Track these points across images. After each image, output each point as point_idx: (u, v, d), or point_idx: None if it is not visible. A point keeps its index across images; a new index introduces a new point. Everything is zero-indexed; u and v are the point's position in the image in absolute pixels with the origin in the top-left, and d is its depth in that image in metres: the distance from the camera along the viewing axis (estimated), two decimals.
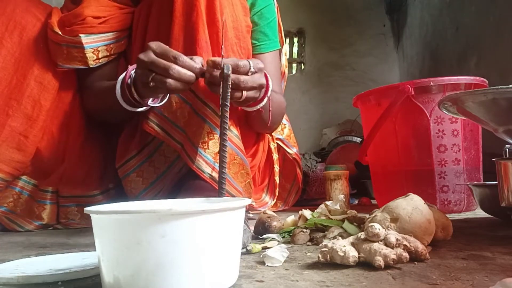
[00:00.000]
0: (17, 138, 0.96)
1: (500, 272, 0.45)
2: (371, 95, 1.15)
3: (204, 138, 0.86)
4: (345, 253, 0.48)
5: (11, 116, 0.95)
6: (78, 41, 0.94)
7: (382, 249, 0.48)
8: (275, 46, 1.09)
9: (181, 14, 0.85)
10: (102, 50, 0.97)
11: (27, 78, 0.96)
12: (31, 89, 0.96)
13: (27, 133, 0.96)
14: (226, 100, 0.64)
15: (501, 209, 0.67)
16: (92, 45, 0.95)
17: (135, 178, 0.97)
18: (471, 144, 1.06)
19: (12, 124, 0.95)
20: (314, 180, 1.56)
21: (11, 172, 0.96)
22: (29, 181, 1.00)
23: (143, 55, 0.73)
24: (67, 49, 0.95)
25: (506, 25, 1.80)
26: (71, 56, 0.96)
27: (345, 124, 3.22)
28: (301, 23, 3.65)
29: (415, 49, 3.18)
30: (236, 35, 0.90)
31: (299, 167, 1.28)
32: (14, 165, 0.96)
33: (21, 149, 0.96)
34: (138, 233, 0.37)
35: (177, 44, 0.85)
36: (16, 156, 0.96)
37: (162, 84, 0.73)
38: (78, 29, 0.94)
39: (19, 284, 0.46)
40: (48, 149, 1.00)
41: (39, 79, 0.97)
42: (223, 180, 0.63)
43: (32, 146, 0.97)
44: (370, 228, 0.49)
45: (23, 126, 0.96)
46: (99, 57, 0.97)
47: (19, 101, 0.96)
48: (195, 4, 0.83)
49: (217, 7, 0.84)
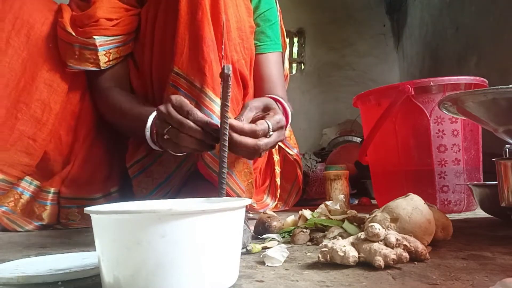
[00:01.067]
0: (25, 142, 0.95)
1: (500, 272, 0.45)
2: (371, 95, 1.15)
3: None
4: (345, 253, 0.48)
5: (20, 120, 0.94)
6: (92, 43, 0.93)
7: (382, 249, 0.48)
8: (276, 47, 1.09)
9: (186, 12, 0.84)
10: (113, 53, 0.97)
11: (36, 81, 0.95)
12: (40, 92, 0.95)
13: (36, 136, 0.96)
14: (226, 100, 0.64)
15: (501, 209, 0.67)
16: (105, 47, 0.95)
17: (144, 178, 0.97)
18: (471, 144, 1.06)
19: (21, 127, 0.94)
20: (314, 180, 1.56)
21: (18, 175, 0.96)
22: (32, 181, 1.00)
23: (163, 107, 0.71)
24: (80, 50, 0.94)
25: (506, 25, 1.81)
26: (83, 58, 0.95)
27: (345, 124, 3.23)
28: (301, 23, 3.65)
29: (415, 49, 3.18)
30: (240, 36, 0.90)
31: (299, 168, 1.28)
32: (22, 168, 0.96)
33: (29, 153, 0.95)
34: (138, 233, 0.37)
35: (182, 43, 0.84)
36: (24, 160, 0.95)
37: (176, 138, 0.70)
38: (91, 30, 0.93)
39: (19, 284, 0.46)
40: (55, 151, 1.00)
41: (49, 81, 0.96)
42: (223, 180, 0.63)
43: (40, 149, 0.97)
44: (370, 228, 0.49)
45: (32, 129, 0.95)
46: (110, 59, 0.97)
47: (28, 105, 0.95)
48: (200, 3, 0.82)
49: (222, 7, 0.83)
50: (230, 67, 0.66)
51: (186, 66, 0.83)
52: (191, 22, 0.83)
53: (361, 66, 3.61)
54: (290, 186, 1.29)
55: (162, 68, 0.93)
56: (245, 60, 0.92)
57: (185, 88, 0.83)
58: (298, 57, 3.73)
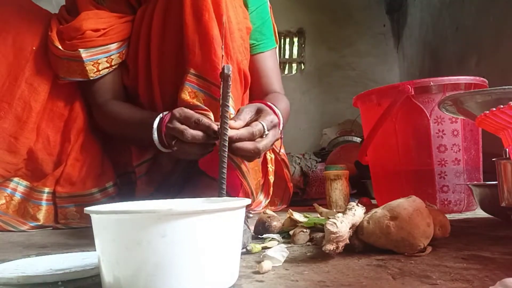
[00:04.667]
0: (7, 140, 0.96)
1: (500, 272, 0.45)
2: (371, 95, 1.15)
3: None
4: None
5: (2, 118, 0.96)
6: (77, 55, 0.94)
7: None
8: (272, 44, 1.11)
9: (191, 15, 0.85)
10: (102, 62, 0.97)
11: (18, 80, 0.97)
12: (21, 91, 0.97)
13: (17, 134, 0.97)
14: (226, 100, 0.64)
15: (501, 209, 0.67)
16: (91, 58, 0.96)
17: (150, 177, 0.99)
18: (471, 144, 1.06)
19: (3, 125, 0.96)
20: (314, 180, 1.56)
21: (2, 174, 0.97)
22: (21, 182, 1.00)
23: (169, 123, 0.75)
24: (68, 63, 0.96)
25: (506, 25, 1.80)
26: (72, 70, 0.97)
27: (345, 124, 3.22)
28: (301, 23, 3.65)
29: (415, 49, 3.18)
30: (241, 36, 0.92)
31: (286, 167, 1.28)
32: (5, 166, 0.97)
33: (11, 151, 0.97)
34: (138, 233, 0.37)
35: (193, 44, 0.85)
36: (7, 158, 0.97)
37: (182, 148, 0.74)
38: (77, 43, 0.94)
39: (19, 284, 0.46)
40: (43, 151, 1.01)
41: (30, 81, 0.98)
42: (223, 180, 0.63)
43: (23, 148, 0.98)
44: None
45: (14, 127, 0.97)
46: (99, 69, 0.98)
47: (10, 104, 0.97)
48: (205, 5, 0.84)
49: (223, 9, 0.85)
50: (230, 67, 0.67)
51: (200, 65, 0.84)
52: (197, 24, 0.85)
53: (361, 66, 3.61)
54: (284, 184, 1.30)
55: (163, 69, 0.94)
56: (247, 61, 0.94)
57: (204, 87, 0.85)
58: (298, 57, 3.73)
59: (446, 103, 0.67)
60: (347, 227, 0.53)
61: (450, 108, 0.68)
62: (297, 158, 1.62)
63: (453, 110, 0.68)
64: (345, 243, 0.53)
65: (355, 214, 0.56)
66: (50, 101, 1.00)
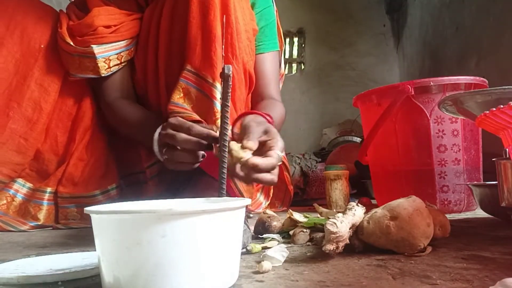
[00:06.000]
0: (17, 141, 0.96)
1: (500, 272, 0.45)
2: (371, 95, 1.15)
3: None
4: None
5: (11, 118, 0.95)
6: (90, 52, 0.94)
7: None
8: (274, 47, 1.10)
9: (198, 14, 0.85)
10: (113, 59, 0.97)
11: (27, 80, 0.96)
12: (31, 92, 0.96)
13: (27, 135, 0.97)
14: (227, 100, 0.64)
15: (501, 209, 0.67)
16: (103, 55, 0.96)
17: (161, 178, 1.00)
18: (471, 144, 1.06)
19: (12, 126, 0.95)
20: (314, 180, 1.56)
21: (9, 174, 0.96)
22: (24, 184, 1.00)
23: (163, 130, 0.73)
24: (79, 59, 0.96)
25: (506, 25, 1.80)
26: (83, 66, 0.96)
27: (345, 124, 3.22)
28: (301, 23, 3.65)
29: (415, 49, 3.18)
30: (248, 38, 0.92)
31: (286, 170, 1.28)
32: (13, 167, 0.96)
33: (20, 152, 0.96)
34: (138, 233, 0.37)
35: (195, 42, 0.85)
36: (15, 159, 0.96)
37: (171, 155, 0.71)
38: (89, 39, 0.94)
39: (19, 284, 0.46)
40: (50, 152, 1.00)
41: (39, 81, 0.97)
42: (223, 180, 0.63)
43: (32, 148, 0.97)
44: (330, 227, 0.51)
45: (23, 128, 0.96)
46: (110, 65, 0.98)
47: (20, 103, 0.96)
48: (212, 5, 0.84)
49: (231, 10, 0.85)
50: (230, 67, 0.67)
51: (198, 63, 0.84)
52: (203, 22, 0.84)
53: (361, 66, 3.61)
54: (284, 187, 1.29)
55: (170, 70, 0.94)
56: (252, 62, 0.94)
57: (197, 83, 0.84)
58: (298, 57, 3.73)
59: (446, 103, 0.67)
60: (347, 227, 0.53)
61: (450, 108, 0.68)
62: (297, 158, 1.62)
63: (453, 110, 0.68)
64: (345, 243, 0.53)
65: (355, 214, 0.56)
66: (60, 100, 1.00)
